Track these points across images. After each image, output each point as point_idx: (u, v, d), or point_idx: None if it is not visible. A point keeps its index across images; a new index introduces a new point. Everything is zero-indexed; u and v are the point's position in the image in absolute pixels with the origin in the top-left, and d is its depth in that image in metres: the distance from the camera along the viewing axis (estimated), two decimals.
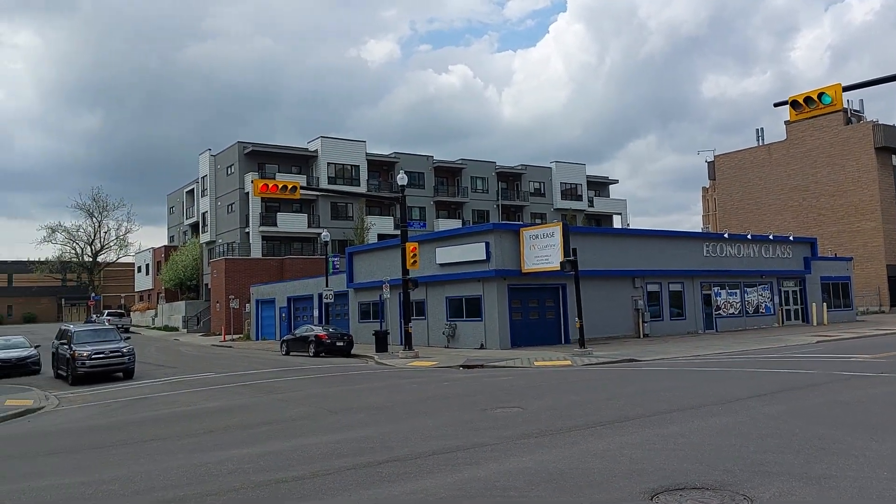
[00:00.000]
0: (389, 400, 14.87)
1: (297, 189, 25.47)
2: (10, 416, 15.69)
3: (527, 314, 30.27)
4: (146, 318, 69.55)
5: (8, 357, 26.20)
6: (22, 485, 8.44)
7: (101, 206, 79.55)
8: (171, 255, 66.73)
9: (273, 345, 39.28)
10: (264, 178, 52.93)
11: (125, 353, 23.49)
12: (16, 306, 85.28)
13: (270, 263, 53.81)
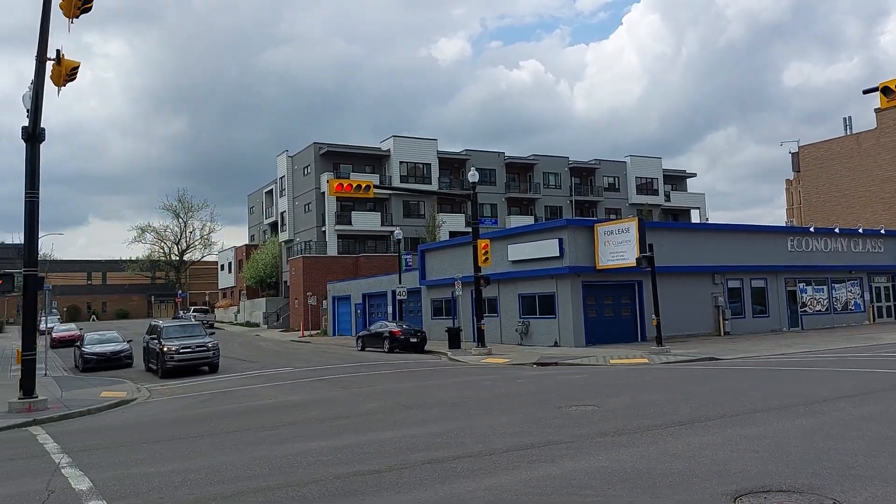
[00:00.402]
0: (463, 396, 14.96)
1: (370, 188, 25.90)
2: (105, 406, 16.62)
3: (601, 311, 29.83)
4: (229, 314, 72.15)
5: (104, 351, 27.76)
6: (118, 472, 8.94)
7: (187, 207, 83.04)
8: (252, 253, 68.98)
9: (349, 340, 40.08)
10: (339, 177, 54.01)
11: (210, 348, 24.46)
12: (109, 303, 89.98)
13: (346, 261, 54.89)
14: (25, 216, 16.72)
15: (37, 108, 16.67)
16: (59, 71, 16.03)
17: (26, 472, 9.43)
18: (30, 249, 16.94)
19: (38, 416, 14.86)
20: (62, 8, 14.96)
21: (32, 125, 16.77)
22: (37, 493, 7.87)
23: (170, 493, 7.61)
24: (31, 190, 16.74)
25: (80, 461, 9.71)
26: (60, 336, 40.37)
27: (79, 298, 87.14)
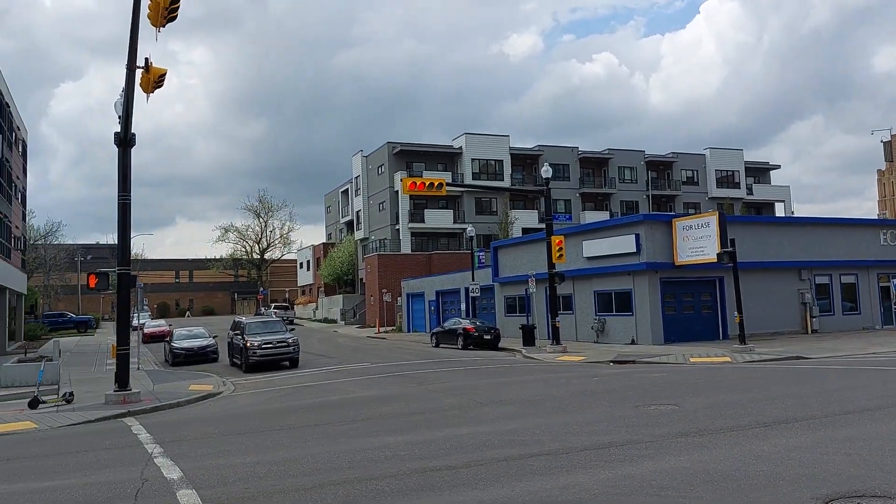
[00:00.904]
0: (538, 394, 14.88)
1: (442, 186, 26.06)
2: (193, 399, 17.37)
3: (681, 308, 29.07)
4: (308, 310, 74.00)
5: (191, 346, 29.01)
6: (206, 462, 9.33)
7: (267, 208, 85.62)
8: (329, 251, 70.52)
9: (423, 337, 40.46)
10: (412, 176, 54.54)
11: (290, 344, 25.17)
12: (196, 300, 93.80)
13: (419, 258, 55.41)
14: (118, 218, 17.64)
15: (127, 115, 17.52)
16: (148, 78, 16.78)
17: (122, 460, 9.95)
18: (122, 249, 17.86)
19: (132, 408, 15.66)
20: (150, 18, 15.64)
21: (124, 131, 17.65)
22: (132, 481, 8.29)
23: (255, 483, 7.89)
24: (123, 193, 17.64)
25: (171, 451, 10.17)
26: (151, 332, 42.33)
27: (167, 296, 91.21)
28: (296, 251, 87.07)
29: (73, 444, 11.88)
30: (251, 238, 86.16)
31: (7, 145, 39.66)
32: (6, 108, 40.23)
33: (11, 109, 42.30)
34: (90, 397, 17.49)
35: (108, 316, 73.71)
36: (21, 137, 47.39)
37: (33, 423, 14.07)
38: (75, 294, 73.18)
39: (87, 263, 72.08)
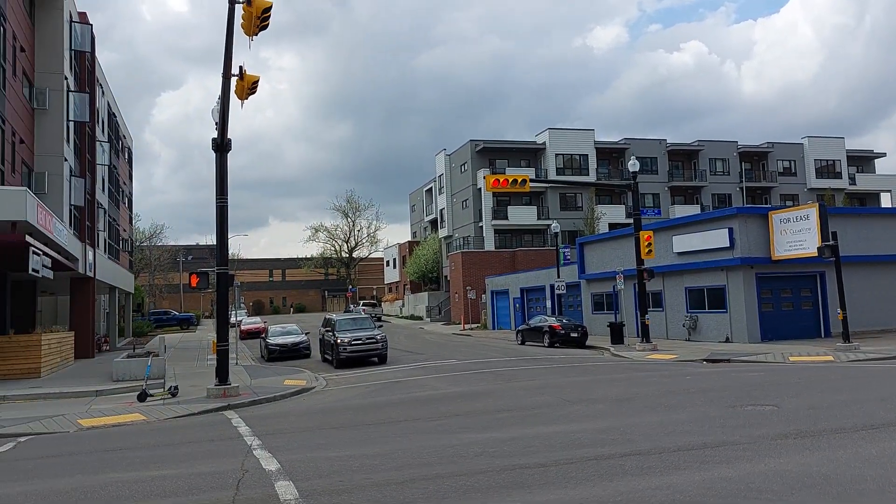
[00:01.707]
0: (628, 392, 14.61)
1: (526, 182, 25.93)
2: (288, 394, 18.00)
3: (778, 305, 27.84)
4: (395, 307, 75.26)
5: (285, 342, 30.06)
6: (302, 455, 9.66)
7: (354, 207, 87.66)
8: (414, 249, 71.46)
9: (508, 334, 40.40)
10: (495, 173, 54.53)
11: (379, 340, 25.69)
12: (289, 297, 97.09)
13: (503, 255, 55.32)
14: (216, 220, 18.49)
15: (223, 121, 18.33)
16: (242, 85, 17.48)
17: (224, 452, 10.44)
18: (221, 250, 18.70)
19: (232, 402, 16.39)
20: (243, 28, 16.28)
21: (220, 136, 18.47)
22: (234, 472, 8.69)
23: (349, 476, 8.12)
24: (220, 196, 18.47)
25: (269, 444, 10.59)
26: (248, 329, 44.09)
27: (262, 294, 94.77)
28: (382, 249, 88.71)
29: (179, 435, 12.55)
30: (340, 237, 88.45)
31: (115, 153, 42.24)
32: (113, 118, 42.84)
33: (118, 119, 45.01)
34: (193, 391, 18.41)
35: (207, 313, 77.29)
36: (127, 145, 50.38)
37: (143, 415, 14.96)
38: (177, 293, 77.16)
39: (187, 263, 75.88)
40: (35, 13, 28.52)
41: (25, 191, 20.99)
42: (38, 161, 27.66)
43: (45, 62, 28.67)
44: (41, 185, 26.87)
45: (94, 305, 34.46)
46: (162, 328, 57.76)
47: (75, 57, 31.88)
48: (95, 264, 33.65)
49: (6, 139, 23.20)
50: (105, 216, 38.57)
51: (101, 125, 37.32)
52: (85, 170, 32.40)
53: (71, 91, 30.32)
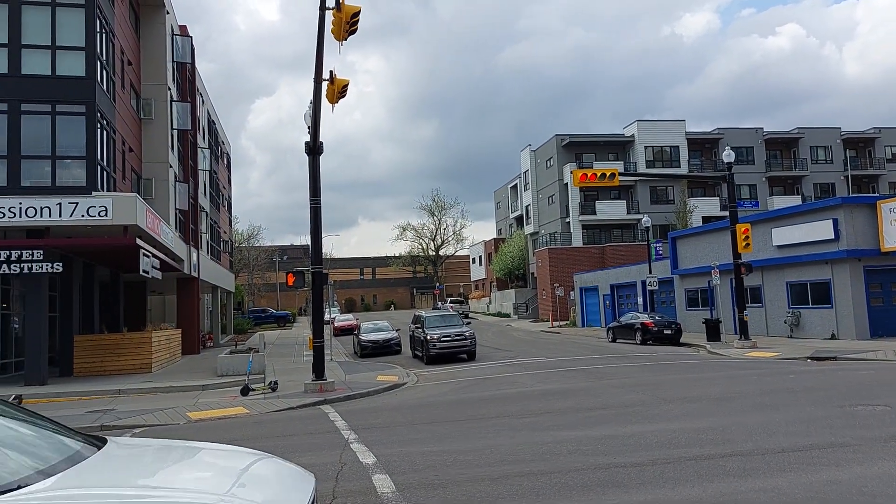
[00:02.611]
0: (727, 391, 14.13)
1: (615, 176, 25.46)
2: (381, 389, 18.42)
3: (889, 299, 26.20)
4: (481, 304, 75.46)
5: (377, 339, 30.74)
6: (397, 449, 9.89)
7: (440, 206, 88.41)
8: (500, 246, 71.40)
9: (598, 331, 39.77)
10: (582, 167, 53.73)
11: (467, 337, 25.86)
12: (379, 295, 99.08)
13: (591, 251, 54.48)
14: (311, 220, 19.11)
15: (316, 125, 18.91)
16: (333, 90, 17.96)
17: (322, 445, 10.80)
18: (315, 249, 19.32)
19: (328, 397, 16.92)
20: (333, 33, 16.69)
21: (313, 140, 19.06)
22: (333, 465, 9.00)
23: (443, 471, 8.26)
24: (314, 197, 19.07)
25: (365, 438, 10.89)
26: (341, 325, 45.29)
27: (353, 292, 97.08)
28: (468, 247, 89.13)
29: (280, 428, 13.08)
30: (426, 236, 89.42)
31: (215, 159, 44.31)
32: (213, 125, 44.94)
33: (217, 127, 47.20)
34: (291, 385, 19.11)
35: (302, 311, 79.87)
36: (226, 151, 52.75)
37: (245, 408, 15.66)
38: (274, 291, 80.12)
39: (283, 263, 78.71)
40: (140, 28, 30.30)
41: (136, 197, 22.37)
42: (145, 168, 29.39)
43: (150, 74, 30.43)
44: (149, 191, 28.55)
45: (199, 304, 36.32)
46: (260, 325, 60.16)
47: (177, 68, 33.66)
48: (199, 265, 35.45)
49: (117, 148, 24.77)
50: (207, 219, 40.55)
51: (201, 132, 39.24)
52: (188, 175, 34.16)
53: (174, 101, 32.04)
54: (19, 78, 21.21)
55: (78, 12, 21.97)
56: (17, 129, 21.04)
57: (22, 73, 21.27)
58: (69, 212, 20.42)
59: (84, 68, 21.78)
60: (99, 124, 22.14)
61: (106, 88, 23.35)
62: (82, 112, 21.62)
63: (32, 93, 21.25)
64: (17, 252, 19.88)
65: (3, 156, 20.92)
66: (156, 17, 30.91)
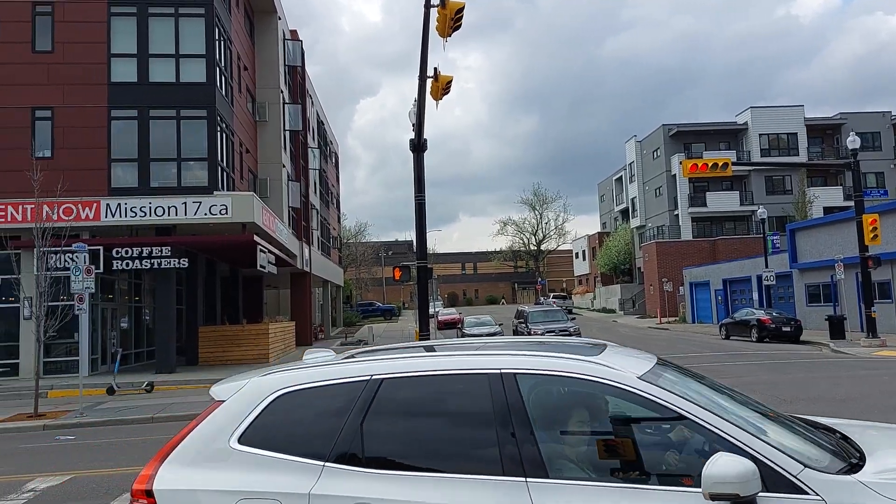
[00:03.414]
0: (854, 392, 13.30)
1: (727, 165, 24.40)
2: None
3: None
4: (585, 300, 74.35)
5: (480, 333, 30.84)
6: None
7: (541, 200, 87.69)
8: (604, 240, 70.02)
9: (710, 328, 38.31)
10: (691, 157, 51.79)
11: (572, 333, 25.57)
12: (480, 290, 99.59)
13: (702, 245, 52.49)
14: (416, 216, 19.45)
15: (420, 122, 19.21)
16: (437, 87, 18.17)
17: None
18: (420, 245, 19.66)
19: None
20: (437, 30, 16.86)
21: (417, 137, 19.37)
22: None
23: None
24: (418, 193, 19.39)
25: None
26: (444, 319, 45.85)
27: (455, 286, 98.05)
28: (570, 241, 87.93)
29: None
30: (528, 230, 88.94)
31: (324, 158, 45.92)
32: (322, 126, 46.58)
33: (326, 127, 48.88)
34: None
35: (406, 305, 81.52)
36: (334, 151, 54.56)
37: None
38: (380, 285, 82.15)
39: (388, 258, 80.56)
40: (254, 34, 31.81)
41: (253, 196, 23.55)
42: (260, 168, 30.86)
43: (264, 78, 31.90)
44: (264, 190, 29.95)
45: (311, 298, 37.82)
46: (368, 318, 61.87)
47: (288, 72, 35.10)
48: (311, 260, 36.88)
49: (235, 150, 26.15)
50: (317, 216, 42.11)
51: (311, 133, 40.75)
52: (300, 174, 35.59)
53: (286, 103, 33.46)
54: (147, 86, 22.77)
55: (198, 22, 23.33)
56: (146, 134, 22.60)
57: (150, 81, 22.82)
58: (193, 210, 21.77)
59: (205, 74, 23.10)
60: (219, 127, 23.43)
61: (224, 93, 24.68)
62: (204, 116, 22.94)
63: (159, 99, 22.75)
64: (148, 248, 21.39)
65: (134, 159, 22.55)
66: (269, 23, 32.34)
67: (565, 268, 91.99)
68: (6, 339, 22.02)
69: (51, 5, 22.69)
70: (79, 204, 21.12)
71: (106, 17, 22.74)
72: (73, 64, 22.43)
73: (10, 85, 22.14)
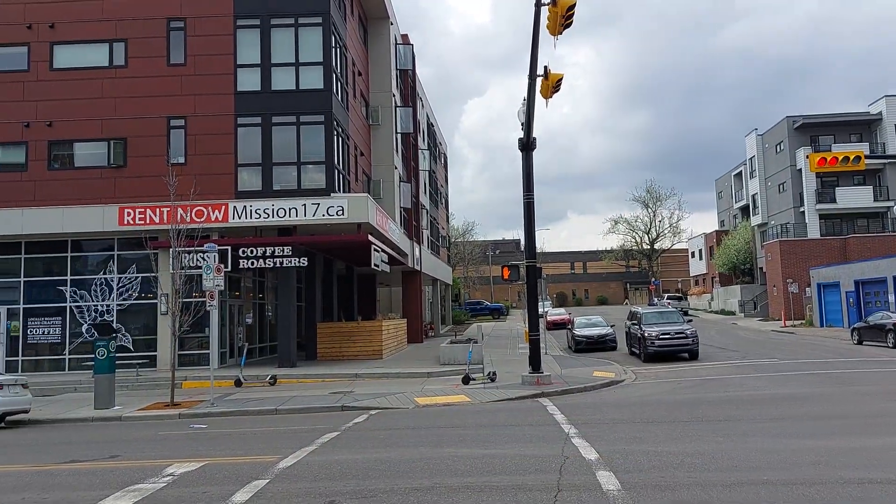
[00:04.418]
0: None
1: (860, 159, 22.75)
2: (598, 385, 18.26)
3: None
4: (702, 301, 71.47)
5: (591, 334, 30.45)
6: (618, 447, 9.79)
7: (655, 197, 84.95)
8: (723, 239, 67.02)
9: (840, 332, 35.88)
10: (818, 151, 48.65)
11: (688, 335, 24.68)
12: (590, 290, 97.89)
13: (831, 244, 49.20)
14: (524, 215, 19.47)
15: (529, 121, 19.19)
16: (547, 85, 18.09)
17: (543, 437, 11.00)
18: (529, 243, 19.64)
19: (545, 390, 17.14)
20: (548, 28, 16.76)
21: (526, 136, 19.36)
22: (555, 458, 9.14)
23: (670, 473, 8.04)
24: (527, 192, 19.40)
25: (585, 433, 10.90)
26: (553, 320, 45.41)
27: (564, 286, 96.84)
28: (686, 240, 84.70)
29: (500, 418, 13.52)
30: (640, 228, 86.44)
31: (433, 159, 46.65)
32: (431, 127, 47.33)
33: (435, 129, 49.63)
34: (508, 377, 19.60)
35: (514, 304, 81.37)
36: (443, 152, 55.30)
37: (467, 397, 16.38)
38: (488, 284, 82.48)
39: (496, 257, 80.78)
40: (368, 40, 32.76)
41: (367, 197, 24.32)
42: (374, 170, 31.76)
43: (377, 82, 32.80)
44: (377, 191, 30.81)
45: (421, 296, 38.54)
46: (476, 317, 62.27)
47: (399, 75, 35.90)
48: (421, 259, 37.60)
49: (350, 153, 27.06)
50: (427, 216, 42.85)
51: (421, 135, 41.49)
52: (410, 175, 36.34)
53: (398, 106, 34.25)
54: (269, 94, 23.97)
55: (316, 31, 24.31)
56: (269, 140, 23.82)
57: (272, 89, 24.02)
58: (312, 212, 22.77)
59: (322, 81, 24.05)
60: (335, 132, 24.34)
61: (340, 98, 25.59)
62: (321, 121, 23.90)
63: (280, 106, 23.90)
64: (271, 248, 22.56)
65: (258, 163, 23.81)
66: (381, 28, 33.21)
67: (680, 267, 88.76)
68: (145, 332, 23.87)
69: (183, 20, 24.32)
70: (209, 206, 22.56)
71: (232, 29, 24.14)
72: (204, 75, 23.97)
73: (149, 97, 23.93)
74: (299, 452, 10.10)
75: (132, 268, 23.86)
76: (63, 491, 8.36)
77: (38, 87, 24.08)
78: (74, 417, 15.90)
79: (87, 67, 24.21)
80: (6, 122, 23.96)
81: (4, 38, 24.33)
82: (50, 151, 24.05)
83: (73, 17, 24.29)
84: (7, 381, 15.23)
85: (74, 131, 24.00)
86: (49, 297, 24.01)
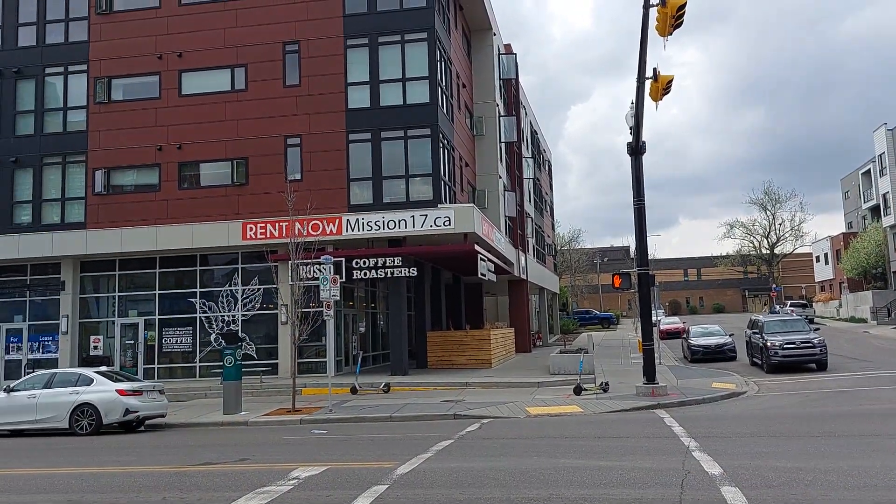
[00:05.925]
0: None
1: None
2: (718, 397, 17.52)
3: None
4: (829, 308, 67.08)
5: (708, 343, 29.24)
6: (743, 462, 9.36)
7: (774, 199, 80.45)
8: (851, 242, 62.65)
9: None
10: None
11: (816, 345, 23.25)
12: (705, 297, 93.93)
13: None
14: (635, 221, 19.02)
15: (638, 125, 18.75)
16: (657, 87, 17.60)
17: (661, 450, 10.69)
18: (641, 250, 19.16)
19: (661, 401, 16.62)
20: (657, 29, 16.26)
21: (635, 140, 18.93)
22: (675, 471, 8.85)
23: (801, 490, 7.62)
24: (637, 198, 18.94)
25: (706, 446, 10.49)
26: (667, 328, 43.92)
27: (677, 294, 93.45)
28: (809, 244, 79.67)
29: (615, 429, 13.24)
30: (758, 232, 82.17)
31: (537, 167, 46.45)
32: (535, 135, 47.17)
33: (539, 136, 49.42)
34: (621, 388, 19.17)
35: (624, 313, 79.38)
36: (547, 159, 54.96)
37: (579, 407, 16.15)
38: (596, 293, 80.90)
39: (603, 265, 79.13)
40: (471, 52, 33.12)
41: (473, 207, 24.55)
42: (478, 180, 32.01)
43: (480, 93, 33.08)
44: (482, 201, 31.02)
45: (528, 304, 38.37)
46: (585, 326, 61.20)
47: (503, 85, 36.05)
48: (527, 267, 37.45)
49: (455, 164, 27.41)
50: (532, 224, 42.66)
51: (525, 143, 41.43)
52: (514, 184, 36.33)
53: (501, 116, 34.39)
54: (378, 110, 24.69)
55: (421, 46, 24.84)
56: (379, 154, 24.51)
57: (380, 105, 24.73)
58: (420, 223, 23.21)
59: (428, 95, 24.50)
60: (441, 144, 24.74)
61: (445, 111, 25.99)
62: (427, 135, 24.35)
63: (388, 121, 24.56)
64: (382, 259, 23.17)
65: (369, 178, 24.55)
66: (484, 40, 33.49)
67: (804, 273, 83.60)
68: (267, 341, 25.08)
69: (297, 43, 25.48)
70: (324, 220, 23.47)
71: (343, 49, 25.06)
72: (317, 95, 25.00)
73: (267, 118, 25.21)
74: (415, 459, 10.30)
75: (255, 280, 25.15)
76: (199, 491, 8.93)
77: (168, 113, 25.89)
78: (206, 422, 16.95)
79: (211, 93, 25.78)
80: (141, 147, 25.91)
81: (139, 68, 26.34)
82: (180, 172, 25.78)
83: (198, 46, 25.96)
84: (146, 387, 16.48)
85: (201, 153, 25.61)
86: (181, 308, 25.70)
